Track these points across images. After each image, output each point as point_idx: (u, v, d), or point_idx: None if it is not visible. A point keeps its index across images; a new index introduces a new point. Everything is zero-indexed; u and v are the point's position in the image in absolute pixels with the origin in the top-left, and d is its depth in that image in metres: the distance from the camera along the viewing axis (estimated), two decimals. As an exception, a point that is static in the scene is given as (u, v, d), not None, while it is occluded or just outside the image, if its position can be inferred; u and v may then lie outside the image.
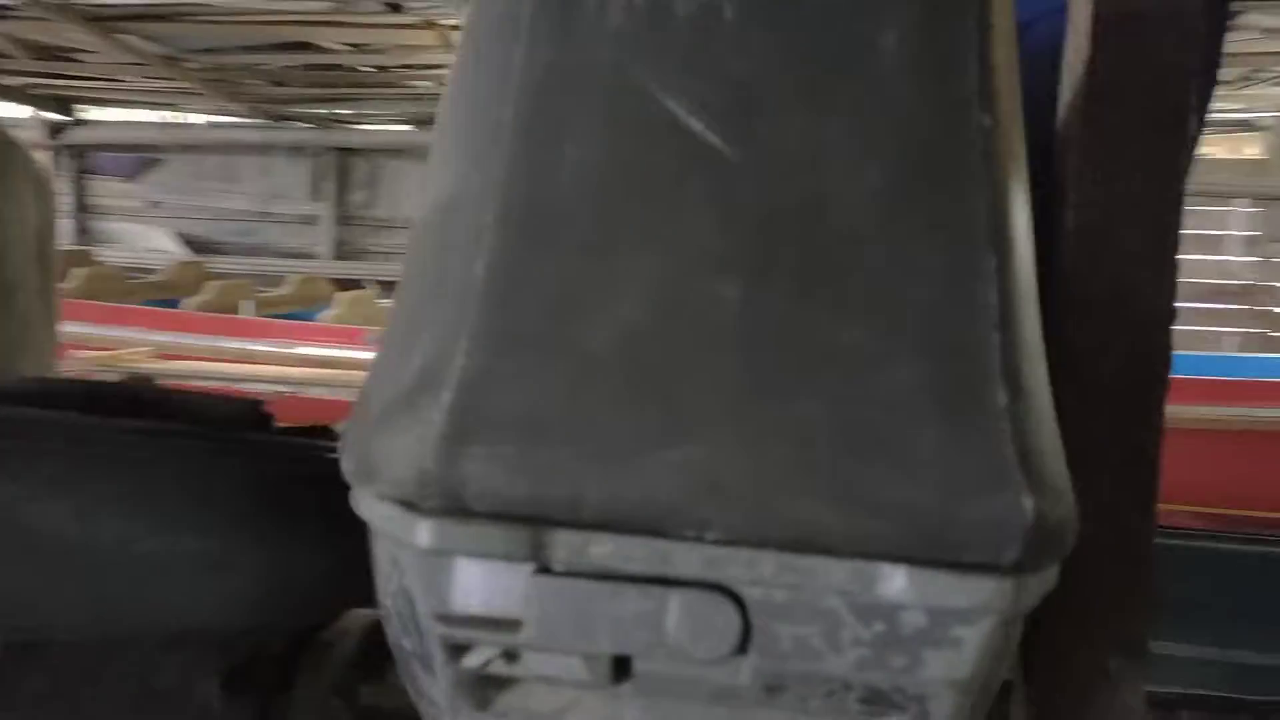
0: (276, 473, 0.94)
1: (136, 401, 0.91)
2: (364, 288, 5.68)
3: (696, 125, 0.51)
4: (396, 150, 6.82)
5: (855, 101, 0.53)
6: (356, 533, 0.60)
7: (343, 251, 6.93)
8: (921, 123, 0.53)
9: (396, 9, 4.41)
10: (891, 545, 0.47)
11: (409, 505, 0.48)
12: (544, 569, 0.47)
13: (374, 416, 0.56)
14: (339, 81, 5.68)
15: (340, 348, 4.86)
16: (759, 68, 0.53)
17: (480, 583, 0.48)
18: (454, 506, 0.47)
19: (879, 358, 0.49)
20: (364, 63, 5.36)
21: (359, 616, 1.05)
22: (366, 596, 0.65)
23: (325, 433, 1.15)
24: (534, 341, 0.50)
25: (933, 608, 0.48)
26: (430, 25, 4.59)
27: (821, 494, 0.47)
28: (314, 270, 6.26)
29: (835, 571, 0.47)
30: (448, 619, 0.50)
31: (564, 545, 0.47)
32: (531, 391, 0.49)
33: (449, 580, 0.49)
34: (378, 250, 6.95)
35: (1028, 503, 0.47)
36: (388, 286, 5.54)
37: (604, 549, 0.47)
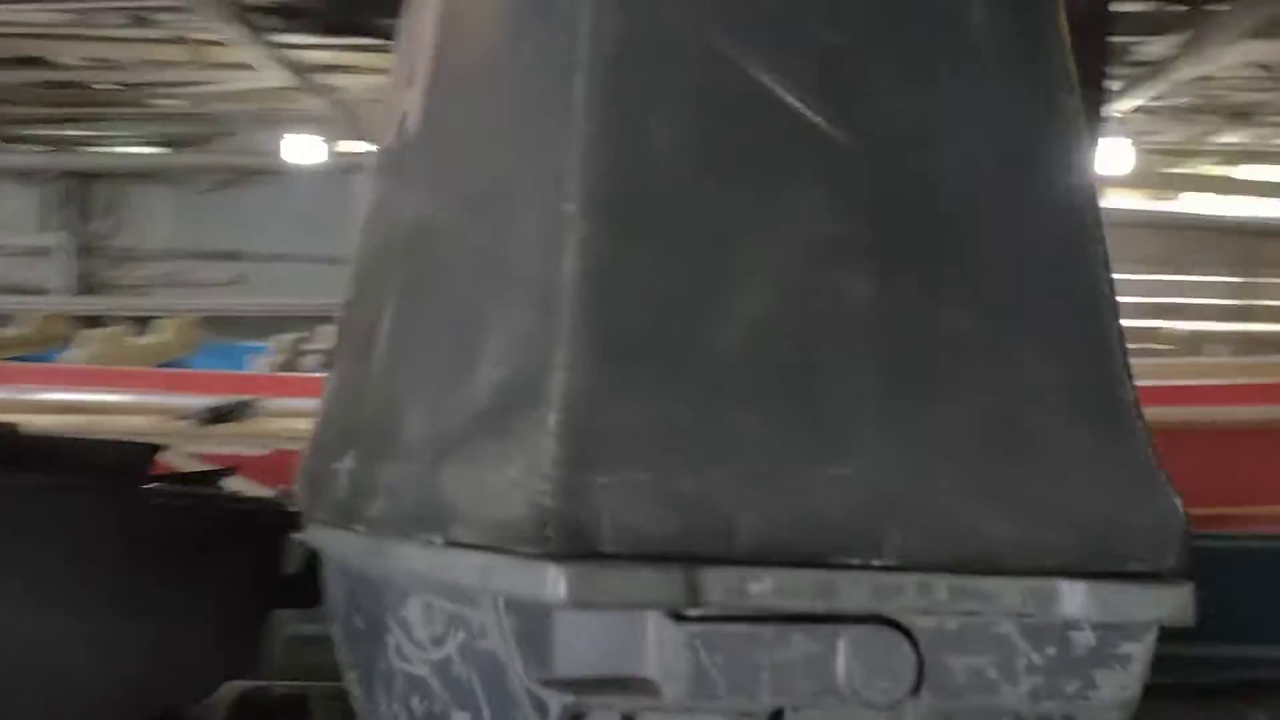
0: (160, 533, 0.81)
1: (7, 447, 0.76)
2: (108, 325, 5.22)
3: (795, 102, 0.46)
4: (143, 174, 6.33)
5: (952, 77, 0.49)
6: (241, 597, 0.51)
7: (84, 285, 6.36)
8: (1020, 103, 0.50)
9: (144, 23, 4.08)
10: (1064, 557, 0.43)
11: (517, 551, 0.40)
12: (685, 616, 0.40)
13: (418, 448, 0.47)
14: (76, 100, 5.21)
15: (88, 391, 4.43)
16: (850, 39, 0.48)
17: (603, 637, 0.40)
18: (584, 549, 0.39)
19: (1016, 354, 0.46)
20: (105, 80, 4.94)
21: (233, 689, 0.94)
22: (247, 666, 0.57)
23: (209, 477, 1.01)
24: (653, 346, 0.43)
25: (1105, 624, 0.44)
26: (181, 41, 4.27)
27: (991, 504, 0.43)
28: (50, 307, 5.70)
29: (1010, 592, 0.42)
30: (557, 683, 0.41)
31: (717, 585, 0.40)
32: (661, 404, 0.42)
33: (562, 636, 0.41)
34: (123, 284, 6.42)
35: (1179, 506, 0.45)
36: (140, 323, 5.11)
37: (763, 585, 0.40)
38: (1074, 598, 0.42)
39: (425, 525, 0.46)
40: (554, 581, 0.40)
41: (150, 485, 0.89)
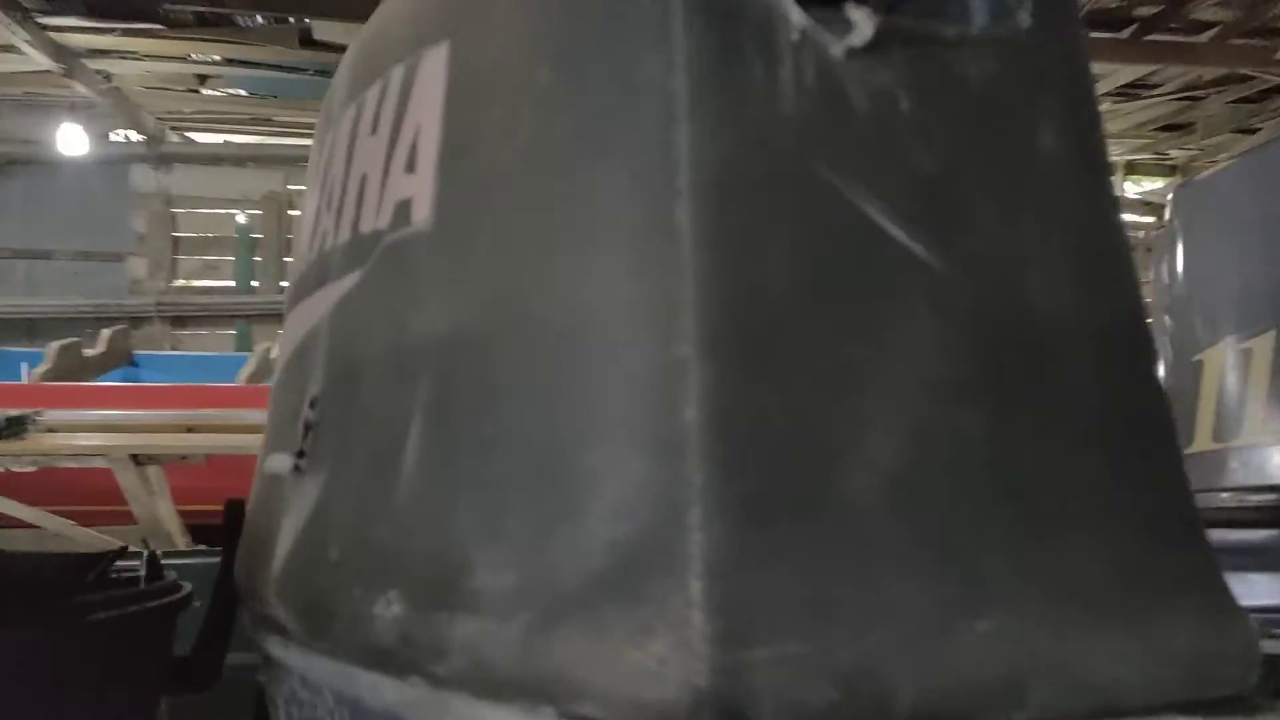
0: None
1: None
2: None
3: (897, 232, 0.45)
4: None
5: (1031, 202, 0.49)
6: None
7: None
8: (1086, 226, 0.50)
9: None
10: (1176, 692, 0.44)
11: None
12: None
13: (506, 605, 0.44)
14: None
15: None
16: (940, 165, 0.47)
17: None
18: None
19: (1115, 484, 0.46)
20: None
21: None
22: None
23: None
24: (793, 502, 0.41)
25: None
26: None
27: (1117, 646, 0.43)
28: None
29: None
30: None
31: None
32: (809, 567, 0.40)
33: None
34: None
35: (1253, 625, 0.47)
36: None
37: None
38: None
39: (528, 694, 0.42)
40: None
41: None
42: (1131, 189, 7.57)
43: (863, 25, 0.48)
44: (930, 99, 0.48)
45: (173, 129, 7.13)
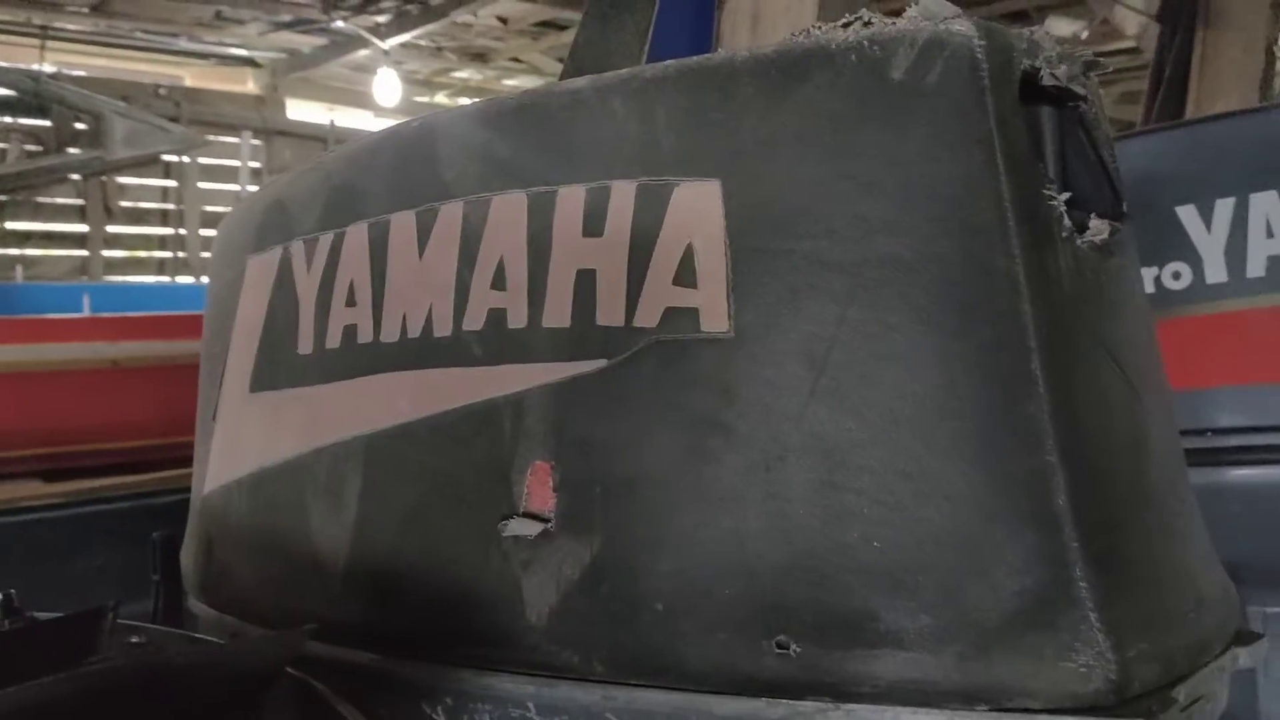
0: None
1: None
2: None
3: (1125, 377, 0.71)
4: None
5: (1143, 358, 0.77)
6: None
7: None
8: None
9: None
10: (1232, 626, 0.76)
11: (1097, 709, 0.61)
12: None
13: (923, 640, 0.64)
14: None
15: None
16: (1122, 334, 0.74)
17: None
18: (1131, 697, 0.62)
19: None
20: None
21: None
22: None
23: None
24: (1119, 557, 0.66)
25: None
26: None
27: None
28: None
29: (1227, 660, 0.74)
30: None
31: (1175, 705, 0.65)
32: (1134, 599, 0.66)
33: None
34: None
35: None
36: None
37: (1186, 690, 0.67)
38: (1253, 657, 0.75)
39: (965, 700, 0.63)
40: (1143, 725, 0.62)
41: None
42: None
43: (1099, 228, 0.72)
44: (1112, 280, 0.73)
45: None
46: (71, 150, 6.03)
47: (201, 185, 7.85)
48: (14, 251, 6.67)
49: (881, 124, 0.73)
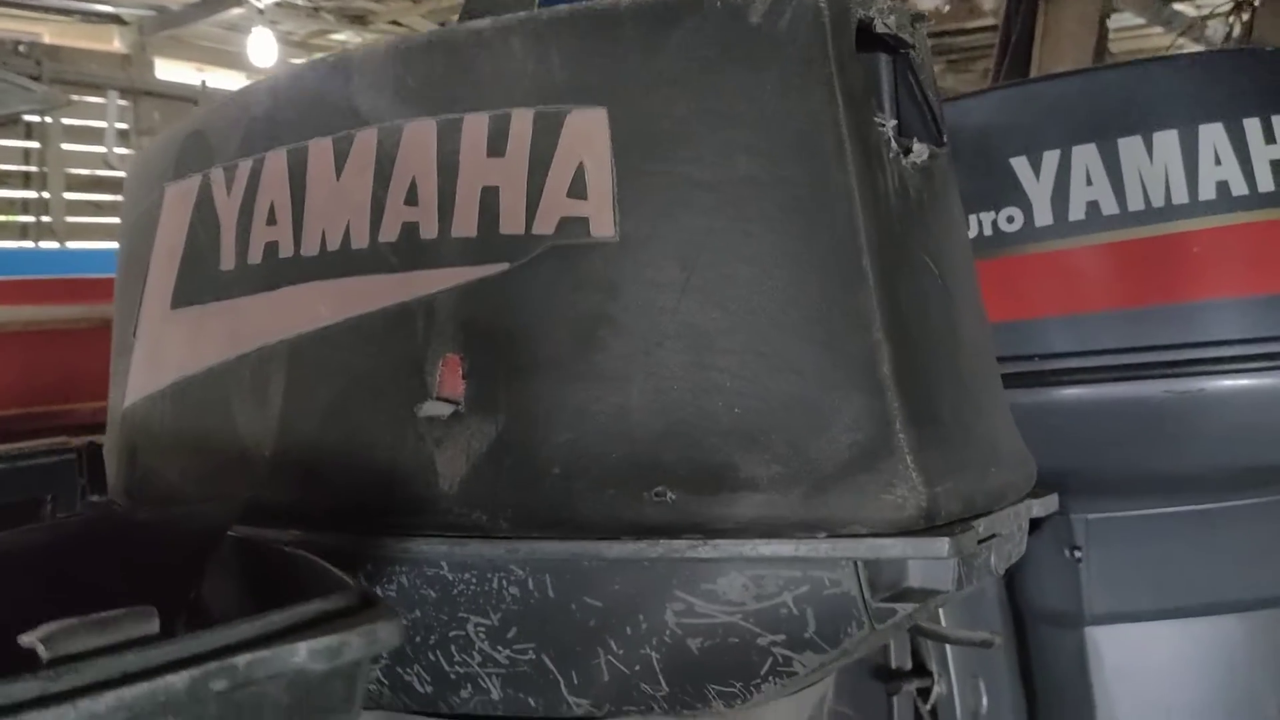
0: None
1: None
2: None
3: (936, 272, 0.86)
4: None
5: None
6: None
7: None
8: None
9: None
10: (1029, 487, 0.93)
11: (912, 533, 0.77)
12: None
13: (777, 484, 0.79)
14: None
15: None
16: (940, 243, 0.89)
17: (923, 571, 0.80)
18: (937, 524, 0.78)
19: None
20: None
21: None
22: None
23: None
24: (933, 416, 0.81)
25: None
26: None
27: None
28: None
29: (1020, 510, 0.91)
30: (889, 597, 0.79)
31: (973, 533, 0.81)
32: (945, 450, 0.81)
33: (903, 573, 0.79)
34: None
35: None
36: None
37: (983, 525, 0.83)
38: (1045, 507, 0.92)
39: (807, 529, 0.77)
40: (946, 546, 0.77)
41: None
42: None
43: (920, 151, 0.86)
44: (933, 198, 0.88)
45: None
46: (-75, 109, 5.81)
47: (65, 147, 7.61)
48: None
49: (741, 64, 0.87)
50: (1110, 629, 2.02)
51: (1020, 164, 1.77)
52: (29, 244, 7.28)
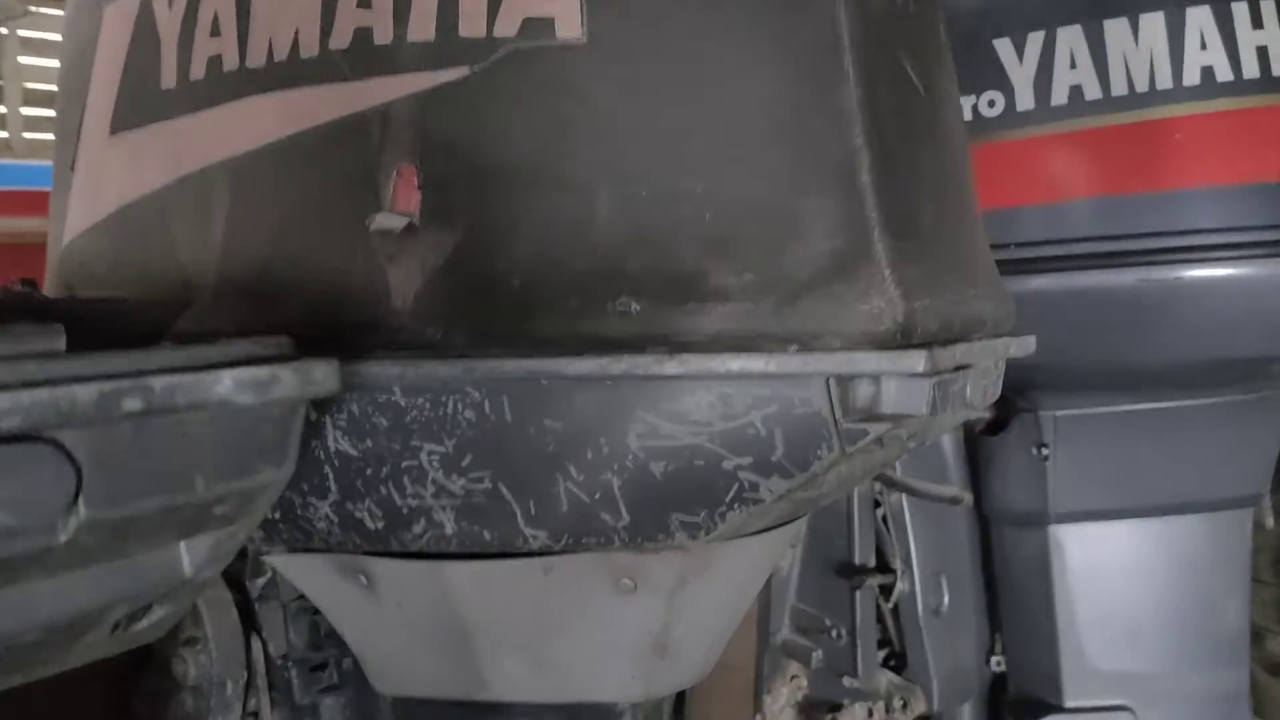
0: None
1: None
2: None
3: (919, 83, 0.82)
4: None
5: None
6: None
7: None
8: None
9: None
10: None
11: (888, 346, 0.73)
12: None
13: (747, 293, 0.75)
14: None
15: None
16: (923, 52, 0.85)
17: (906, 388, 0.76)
18: (913, 341, 0.74)
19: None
20: None
21: None
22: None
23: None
24: (914, 225, 0.77)
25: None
26: None
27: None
28: None
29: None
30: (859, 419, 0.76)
31: (949, 355, 0.77)
32: (924, 260, 0.77)
33: (878, 393, 0.75)
34: None
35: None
36: None
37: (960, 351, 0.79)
38: (1022, 348, 0.89)
39: (778, 342, 0.73)
40: (921, 361, 0.73)
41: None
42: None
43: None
44: (919, 13, 0.83)
45: None
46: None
47: (22, 60, 7.37)
48: None
49: None
50: (1074, 528, 2.02)
51: (1003, 45, 1.72)
52: (-17, 159, 7.08)
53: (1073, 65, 1.70)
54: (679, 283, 0.77)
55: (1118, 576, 2.03)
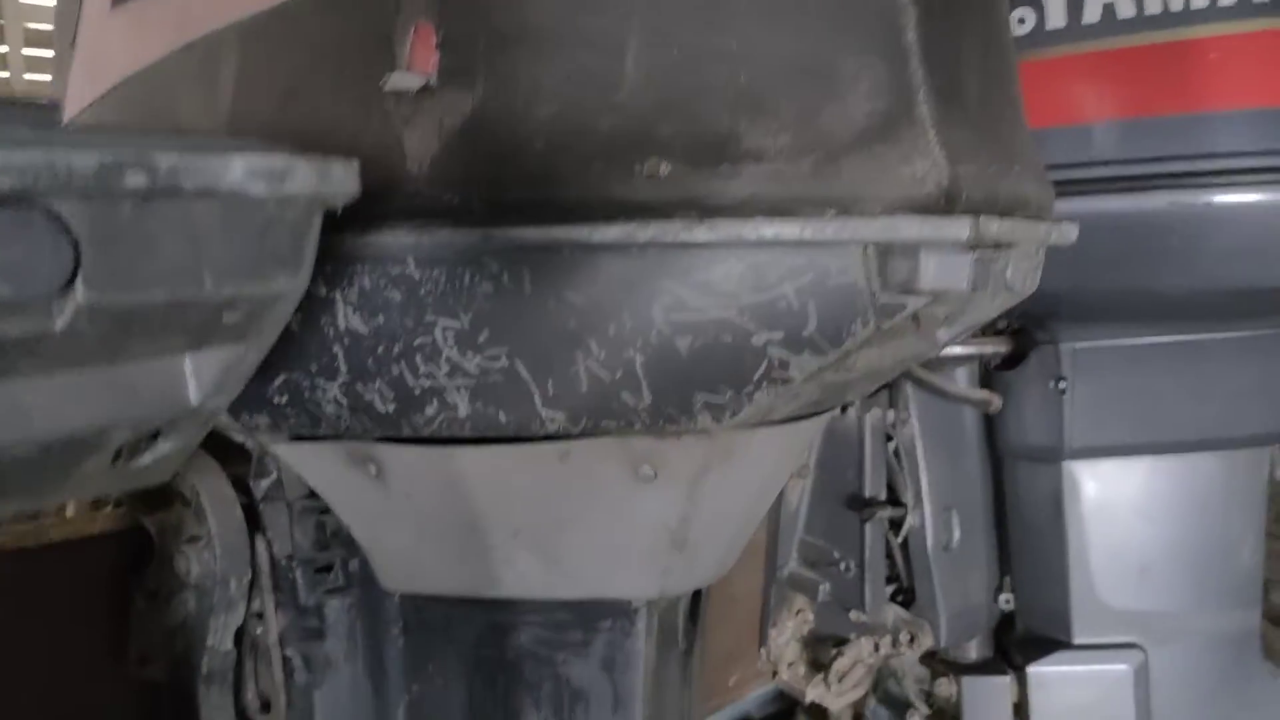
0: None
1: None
2: None
3: None
4: None
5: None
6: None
7: None
8: None
9: None
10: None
11: (931, 212, 0.69)
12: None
13: (785, 153, 0.71)
14: None
15: None
16: None
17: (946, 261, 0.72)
18: (957, 209, 0.71)
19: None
20: None
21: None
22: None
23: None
24: (957, 89, 0.73)
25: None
26: None
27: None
28: None
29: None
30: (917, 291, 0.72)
31: (993, 228, 0.74)
32: (969, 131, 0.73)
33: (918, 267, 0.72)
34: None
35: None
36: None
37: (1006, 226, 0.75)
38: (1064, 235, 0.85)
39: (811, 205, 0.69)
40: (966, 229, 0.69)
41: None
42: None
43: None
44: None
45: None
46: None
47: (23, 0, 7.27)
48: None
49: None
50: (1089, 464, 1.99)
51: (1036, -40, 1.67)
52: (-15, 96, 6.99)
53: (1108, -20, 1.65)
54: (710, 144, 0.73)
55: (1132, 514, 2.00)
